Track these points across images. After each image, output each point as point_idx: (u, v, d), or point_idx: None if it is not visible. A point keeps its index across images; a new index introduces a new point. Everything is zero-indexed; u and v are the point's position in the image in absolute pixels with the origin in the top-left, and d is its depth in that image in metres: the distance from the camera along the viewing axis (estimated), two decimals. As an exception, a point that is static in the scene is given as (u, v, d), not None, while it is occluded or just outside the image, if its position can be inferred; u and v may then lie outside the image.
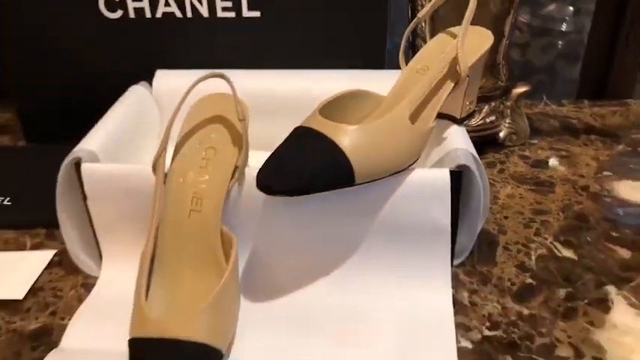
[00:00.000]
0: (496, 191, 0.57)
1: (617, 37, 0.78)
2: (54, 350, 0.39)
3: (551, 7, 1.04)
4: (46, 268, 0.48)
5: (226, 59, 0.58)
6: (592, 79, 0.82)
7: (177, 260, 0.40)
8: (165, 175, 0.42)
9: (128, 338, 0.37)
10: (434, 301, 0.41)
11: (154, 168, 0.41)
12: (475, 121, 0.62)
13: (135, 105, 0.54)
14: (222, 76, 0.41)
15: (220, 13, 0.59)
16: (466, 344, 0.40)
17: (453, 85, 0.43)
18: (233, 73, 0.46)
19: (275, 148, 0.40)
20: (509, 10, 0.59)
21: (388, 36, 0.60)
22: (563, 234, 0.51)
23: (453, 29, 0.48)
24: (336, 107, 0.42)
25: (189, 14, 0.59)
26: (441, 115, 0.45)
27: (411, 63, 0.46)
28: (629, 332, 0.41)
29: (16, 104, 0.71)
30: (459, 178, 0.42)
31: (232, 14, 0.59)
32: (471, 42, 0.45)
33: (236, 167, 0.42)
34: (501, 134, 0.64)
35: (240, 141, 0.42)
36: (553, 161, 0.43)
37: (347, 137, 0.38)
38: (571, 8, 1.04)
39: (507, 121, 0.64)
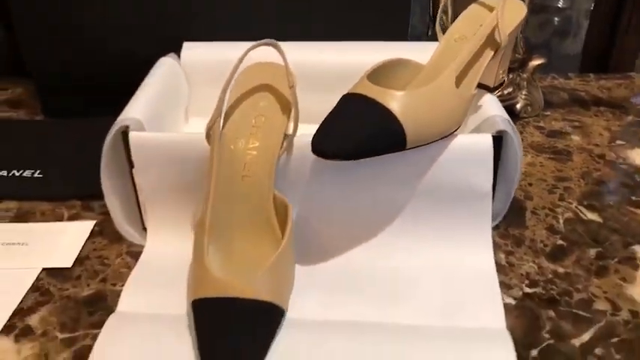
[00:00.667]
0: (517, 160, 0.59)
1: (620, 17, 0.81)
2: (113, 314, 0.40)
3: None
4: (88, 238, 0.49)
5: (251, 32, 0.58)
6: (594, 54, 0.85)
7: (230, 224, 0.41)
8: (217, 141, 0.42)
9: (191, 300, 0.38)
10: (477, 262, 0.43)
11: (208, 135, 0.41)
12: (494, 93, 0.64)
13: (166, 76, 0.55)
14: (273, 45, 0.42)
15: (246, -14, 0.59)
16: (509, 301, 0.42)
17: (492, 53, 0.45)
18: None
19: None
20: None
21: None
22: (586, 199, 0.53)
23: (485, 0, 0.49)
24: (379, 75, 0.44)
25: (213, -14, 0.60)
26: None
27: (447, 33, 0.47)
28: (659, 287, 0.43)
29: (32, 79, 0.70)
30: (499, 143, 0.43)
31: (258, -17, 0.59)
32: (508, 12, 0.46)
33: (285, 135, 0.43)
34: (518, 106, 0.66)
35: (288, 108, 0.43)
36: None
37: (398, 102, 0.39)
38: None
39: (524, 92, 0.66)
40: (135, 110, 0.46)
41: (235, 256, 0.40)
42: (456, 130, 0.43)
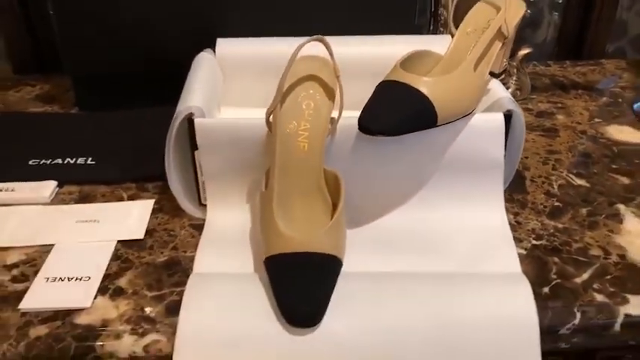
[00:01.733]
0: (513, 137, 0.68)
1: (591, 9, 0.90)
2: (192, 275, 0.47)
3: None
4: (151, 214, 0.55)
5: (278, 27, 0.65)
6: (569, 42, 0.94)
7: (289, 194, 0.48)
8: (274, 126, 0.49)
9: (265, 256, 0.45)
10: (494, 219, 0.52)
11: (267, 120, 0.48)
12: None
13: (209, 68, 0.61)
14: (321, 40, 0.49)
15: (271, -13, 0.66)
16: (520, 251, 0.51)
17: (501, 44, 0.53)
18: (289, 40, 0.54)
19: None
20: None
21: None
22: (575, 168, 0.62)
23: (490, -1, 0.58)
24: (407, 63, 0.51)
25: (241, -12, 0.66)
26: (484, 72, 0.55)
27: (461, 27, 0.55)
28: (639, 235, 0.53)
29: (59, 75, 0.76)
30: (508, 120, 0.52)
31: (282, -12, 0.66)
32: (512, 8, 0.55)
33: (332, 118, 0.50)
34: (509, 90, 0.74)
35: (333, 95, 0.51)
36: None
37: (429, 87, 0.47)
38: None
39: (514, 78, 0.75)
40: (194, 99, 0.53)
41: (296, 220, 0.47)
42: (474, 110, 0.51)
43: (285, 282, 0.43)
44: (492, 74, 0.57)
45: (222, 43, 0.65)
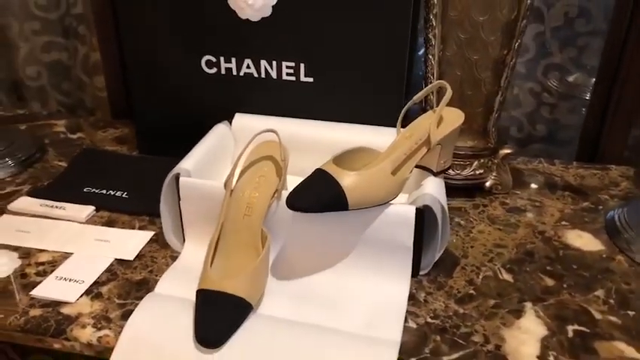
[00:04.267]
0: (472, 227, 0.76)
1: (608, 108, 0.94)
2: (150, 293, 0.63)
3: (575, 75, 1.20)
4: (147, 243, 0.72)
5: (286, 110, 0.81)
6: (588, 141, 0.99)
7: (232, 244, 0.62)
8: (232, 190, 0.64)
9: (196, 290, 0.59)
10: (395, 294, 0.62)
11: (225, 185, 0.64)
12: (467, 172, 0.81)
13: (219, 138, 0.78)
14: (273, 131, 0.64)
15: (285, 77, 0.82)
16: (411, 325, 0.60)
17: (426, 150, 0.63)
18: (284, 121, 0.70)
19: (302, 174, 0.62)
20: (497, 92, 0.78)
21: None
22: (510, 263, 0.69)
23: (437, 108, 0.68)
24: (346, 157, 0.64)
25: (262, 75, 0.82)
26: (422, 168, 0.66)
27: (403, 131, 0.67)
28: (527, 333, 0.59)
29: (134, 125, 0.97)
30: (421, 213, 0.62)
31: (293, 78, 0.82)
32: (448, 119, 0.65)
33: (276, 190, 0.64)
34: (487, 184, 0.82)
35: (280, 173, 0.65)
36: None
37: (347, 179, 0.59)
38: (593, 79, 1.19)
39: (493, 174, 0.83)
40: (187, 162, 0.69)
41: (229, 266, 0.62)
42: (391, 200, 0.62)
43: (203, 311, 0.57)
44: (430, 171, 0.67)
45: (238, 117, 0.82)
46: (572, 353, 0.57)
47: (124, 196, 0.81)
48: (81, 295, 0.63)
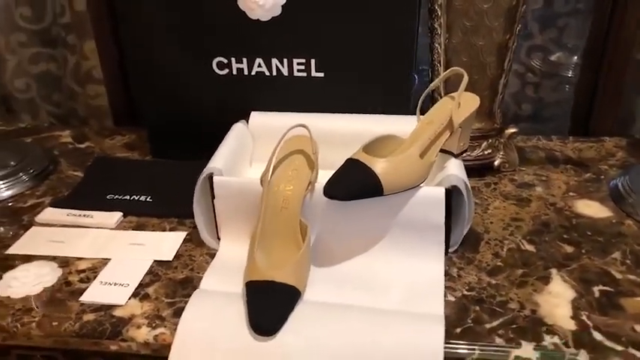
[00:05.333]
0: (487, 204, 0.80)
1: (597, 85, 1.00)
2: (197, 290, 0.65)
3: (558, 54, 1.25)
4: (182, 243, 0.74)
5: (299, 105, 0.83)
6: (580, 116, 1.04)
7: (273, 237, 0.65)
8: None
9: (244, 282, 0.62)
10: (431, 271, 0.65)
11: (262, 180, 0.66)
12: (476, 153, 0.86)
13: (239, 137, 0.80)
14: (304, 126, 0.67)
15: (296, 74, 0.84)
16: (450, 298, 0.64)
17: (449, 134, 0.67)
18: (301, 116, 0.73)
19: (333, 167, 0.65)
20: (501, 75, 0.82)
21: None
22: (530, 235, 0.74)
23: (453, 94, 0.72)
24: (373, 145, 0.67)
25: (274, 73, 0.85)
26: (443, 151, 0.70)
27: (423, 118, 0.70)
28: (558, 297, 0.63)
29: (143, 129, 0.98)
30: (450, 193, 0.65)
31: (304, 74, 0.84)
32: (465, 104, 0.69)
33: (310, 182, 0.67)
34: (496, 163, 0.87)
35: (312, 165, 0.68)
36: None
37: (380, 166, 0.63)
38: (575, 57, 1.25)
39: (501, 153, 0.87)
40: (217, 162, 0.72)
41: (272, 257, 0.64)
42: (421, 183, 0.65)
43: (254, 301, 0.60)
44: (451, 154, 0.71)
45: (254, 115, 0.84)
46: (601, 311, 0.61)
47: (148, 200, 0.83)
48: (129, 298, 0.65)
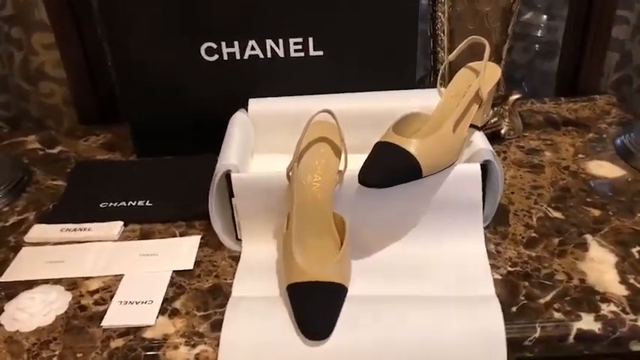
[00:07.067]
0: (503, 174, 0.79)
1: (585, 43, 1.00)
2: (231, 298, 0.60)
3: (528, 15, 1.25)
4: (198, 248, 0.68)
5: (299, 87, 0.78)
6: (567, 77, 1.04)
7: (307, 233, 0.60)
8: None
9: (285, 285, 0.57)
10: (474, 251, 0.63)
11: (288, 174, 0.61)
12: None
13: (242, 127, 0.74)
14: (329, 112, 0.62)
15: (293, 54, 0.79)
16: (497, 277, 0.62)
17: (477, 106, 0.64)
18: (315, 98, 0.71)
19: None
20: (505, 40, 0.80)
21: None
22: (553, 202, 0.73)
23: (472, 64, 0.69)
24: (399, 125, 0.63)
25: (269, 55, 0.79)
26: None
27: (446, 91, 0.67)
28: (601, 262, 0.63)
29: (119, 126, 0.90)
30: (485, 169, 0.63)
31: (302, 54, 0.79)
32: (487, 75, 0.66)
33: (339, 171, 0.62)
34: (502, 131, 0.85)
35: (339, 153, 0.63)
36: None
37: (414, 147, 0.59)
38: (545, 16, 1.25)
39: (506, 120, 0.85)
40: (231, 157, 0.66)
41: (310, 255, 0.60)
42: (455, 162, 0.63)
43: (302, 305, 0.56)
44: (475, 127, 0.68)
45: (253, 103, 0.78)
46: (646, 272, 0.61)
47: (147, 204, 0.76)
48: (157, 316, 0.59)
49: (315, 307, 0.55)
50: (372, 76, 0.80)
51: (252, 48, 0.79)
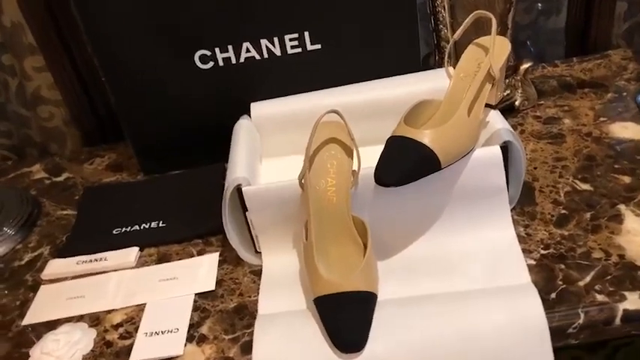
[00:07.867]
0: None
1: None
2: (258, 316, 0.58)
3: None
4: (218, 266, 0.66)
5: (300, 85, 0.75)
6: (577, 32, 0.99)
7: (327, 240, 0.58)
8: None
9: (312, 298, 0.55)
10: (503, 238, 0.60)
11: (301, 182, 0.58)
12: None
13: (248, 135, 0.72)
14: (336, 112, 0.59)
15: (290, 51, 0.76)
16: (530, 262, 0.59)
17: (490, 86, 0.61)
18: (318, 94, 0.69)
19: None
20: (510, 9, 0.76)
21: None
22: (580, 173, 0.69)
23: (479, 40, 0.65)
24: (410, 116, 0.60)
25: (265, 55, 0.76)
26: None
27: (455, 73, 0.64)
28: (638, 234, 0.60)
29: (122, 146, 0.88)
30: (505, 150, 0.60)
31: (299, 50, 0.76)
32: (497, 51, 0.62)
33: (353, 171, 0.60)
34: (517, 102, 0.81)
35: (351, 152, 0.60)
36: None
37: (429, 138, 0.56)
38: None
39: (519, 91, 0.82)
40: (239, 169, 0.63)
41: (333, 263, 0.57)
42: (474, 147, 0.59)
43: (332, 318, 0.53)
44: (490, 106, 0.65)
45: (255, 107, 0.75)
46: (688, 239, 0.58)
47: (161, 225, 0.74)
48: (185, 344, 0.57)
49: (346, 318, 0.53)
50: (375, 63, 0.76)
51: (248, 50, 0.76)
